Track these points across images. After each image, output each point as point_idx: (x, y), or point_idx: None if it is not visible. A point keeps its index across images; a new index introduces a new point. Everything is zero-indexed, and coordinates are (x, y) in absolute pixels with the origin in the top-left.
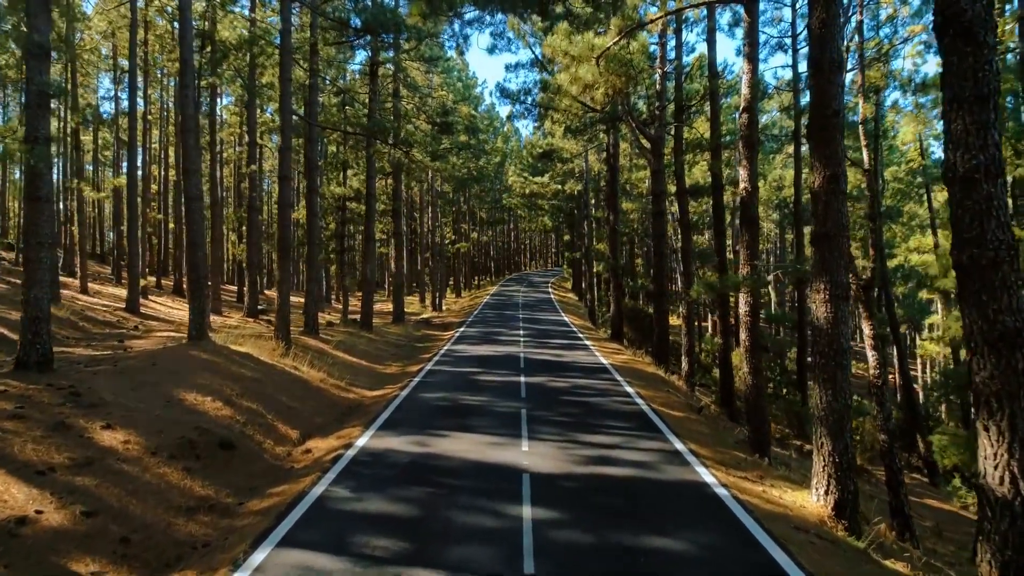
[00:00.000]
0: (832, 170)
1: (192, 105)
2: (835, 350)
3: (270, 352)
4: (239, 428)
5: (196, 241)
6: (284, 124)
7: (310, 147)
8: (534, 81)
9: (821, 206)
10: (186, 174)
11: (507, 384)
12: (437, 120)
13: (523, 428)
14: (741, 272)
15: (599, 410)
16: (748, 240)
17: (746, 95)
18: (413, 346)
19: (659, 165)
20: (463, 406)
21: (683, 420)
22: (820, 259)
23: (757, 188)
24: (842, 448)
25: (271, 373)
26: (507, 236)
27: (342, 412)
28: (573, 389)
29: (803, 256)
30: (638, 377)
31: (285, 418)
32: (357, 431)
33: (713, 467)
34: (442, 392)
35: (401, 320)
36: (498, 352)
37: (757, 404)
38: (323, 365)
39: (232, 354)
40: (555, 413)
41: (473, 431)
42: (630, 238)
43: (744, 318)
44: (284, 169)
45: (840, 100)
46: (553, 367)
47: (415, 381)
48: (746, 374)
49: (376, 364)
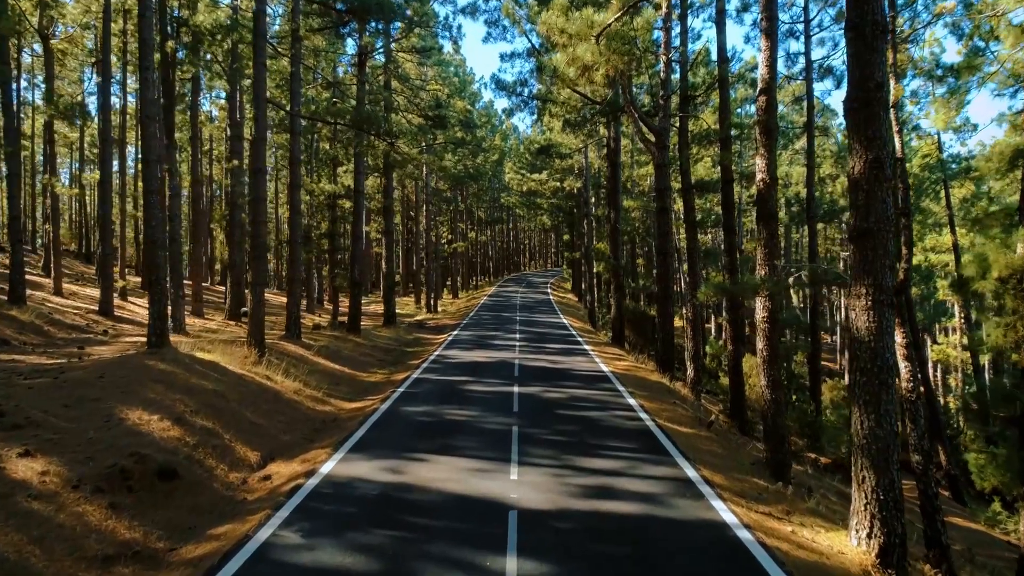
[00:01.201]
0: (875, 153)
1: (152, 89)
2: (879, 366)
3: (241, 360)
4: (187, 452)
5: (155, 238)
6: (258, 113)
7: (292, 140)
8: (530, 70)
9: (862, 197)
10: (145, 164)
11: (499, 395)
12: (430, 114)
13: (513, 450)
14: (758, 274)
15: (599, 427)
16: (766, 238)
17: (764, 75)
18: (402, 351)
19: (663, 159)
20: (448, 422)
21: (692, 438)
22: (861, 259)
23: (776, 180)
24: (888, 483)
25: (238, 384)
26: (506, 236)
27: (314, 428)
28: (571, 401)
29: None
30: (641, 386)
31: (246, 437)
32: (325, 453)
33: (732, 501)
34: (426, 405)
35: (392, 322)
36: (492, 358)
37: (776, 422)
38: (300, 374)
39: (195, 363)
40: (550, 431)
41: (456, 453)
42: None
43: (761, 325)
44: (258, 161)
45: (883, 71)
46: (550, 375)
47: (398, 392)
48: (763, 388)
49: (359, 372)
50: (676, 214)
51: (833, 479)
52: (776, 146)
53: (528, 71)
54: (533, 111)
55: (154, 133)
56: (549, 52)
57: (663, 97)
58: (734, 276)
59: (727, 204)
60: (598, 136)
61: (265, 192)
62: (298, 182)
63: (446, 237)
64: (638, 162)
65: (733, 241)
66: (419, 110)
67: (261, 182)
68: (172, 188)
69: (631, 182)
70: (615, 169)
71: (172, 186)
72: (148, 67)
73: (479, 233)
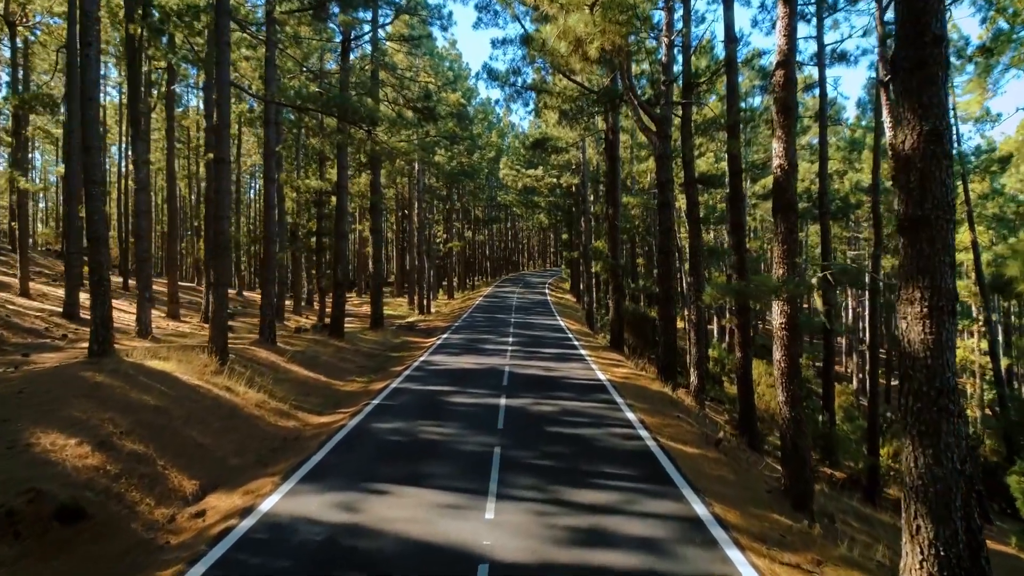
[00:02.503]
0: (932, 124)
1: (93, 68)
2: (938, 389)
3: (199, 369)
4: (105, 484)
5: (97, 235)
6: (221, 97)
7: (266, 130)
8: (522, 56)
9: (915, 177)
10: (86, 152)
11: (483, 409)
12: (419, 105)
13: (492, 478)
14: (775, 273)
15: (594, 448)
16: (784, 232)
17: (781, 46)
18: (387, 356)
19: (665, 149)
20: (422, 442)
21: (699, 460)
22: (913, 254)
23: (795, 166)
24: (950, 535)
25: (188, 398)
26: (504, 235)
27: (272, 448)
28: (563, 416)
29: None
30: (641, 397)
31: (186, 463)
32: (272, 483)
33: (751, 549)
34: (401, 420)
35: (380, 325)
36: (480, 365)
37: (796, 444)
38: (267, 383)
39: (143, 374)
40: (537, 453)
41: (426, 484)
42: (631, 236)
43: (779, 332)
44: (221, 151)
45: (942, 22)
46: (542, 384)
47: (373, 404)
48: (781, 404)
49: (336, 380)
50: (677, 212)
51: (851, 499)
52: (795, 127)
53: (520, 58)
54: (527, 102)
55: (96, 117)
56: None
57: (665, 83)
58: (743, 276)
59: (735, 197)
60: (596, 129)
61: (228, 184)
62: (272, 175)
63: (441, 236)
64: (638, 157)
65: (742, 238)
66: (408, 101)
67: (224, 173)
68: (139, 181)
69: (631, 179)
70: (614, 163)
71: (139, 179)
72: (91, 43)
73: (476, 233)
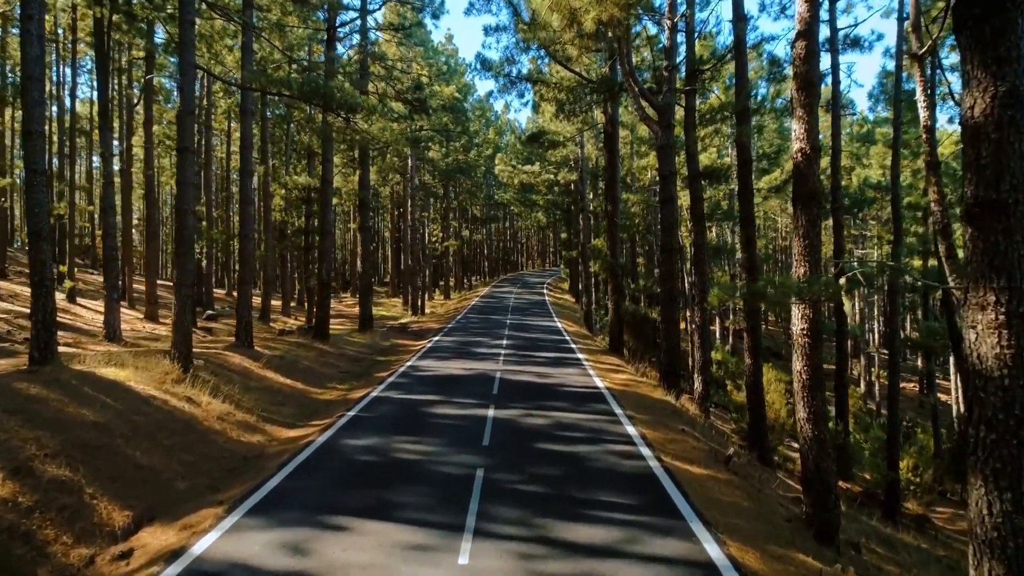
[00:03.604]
0: (1008, 83)
1: (36, 44)
2: (1019, 417)
3: (159, 377)
4: (11, 521)
5: (39, 229)
6: (184, 82)
7: (242, 120)
8: (515, 43)
9: (988, 152)
10: (27, 137)
11: (469, 421)
12: (409, 97)
13: (471, 511)
14: (796, 272)
15: (590, 470)
16: (805, 226)
17: (803, 14)
18: (373, 360)
19: (667, 139)
20: (395, 463)
21: (709, 484)
22: (985, 249)
23: (819, 149)
24: None
25: (139, 411)
26: (502, 235)
27: (228, 469)
28: (556, 430)
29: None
30: (642, 407)
31: (123, 489)
32: (215, 515)
33: None
34: (376, 436)
35: (368, 327)
36: (470, 370)
37: (820, 467)
38: (235, 392)
39: (88, 384)
40: (524, 477)
41: (393, 516)
42: (631, 235)
43: (800, 339)
44: (184, 139)
45: None
46: (534, 393)
47: (349, 415)
48: (802, 421)
49: (314, 387)
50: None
51: (871, 517)
52: (818, 106)
53: (514, 44)
54: (522, 93)
55: (40, 99)
56: (536, 24)
57: (667, 68)
58: (753, 274)
59: (744, 190)
60: (594, 123)
61: (192, 176)
62: (249, 168)
63: (438, 235)
64: (638, 153)
65: (752, 233)
66: (398, 93)
67: (187, 164)
68: (106, 175)
69: (630, 176)
70: (613, 157)
71: (106, 172)
72: (32, 16)
73: (474, 232)
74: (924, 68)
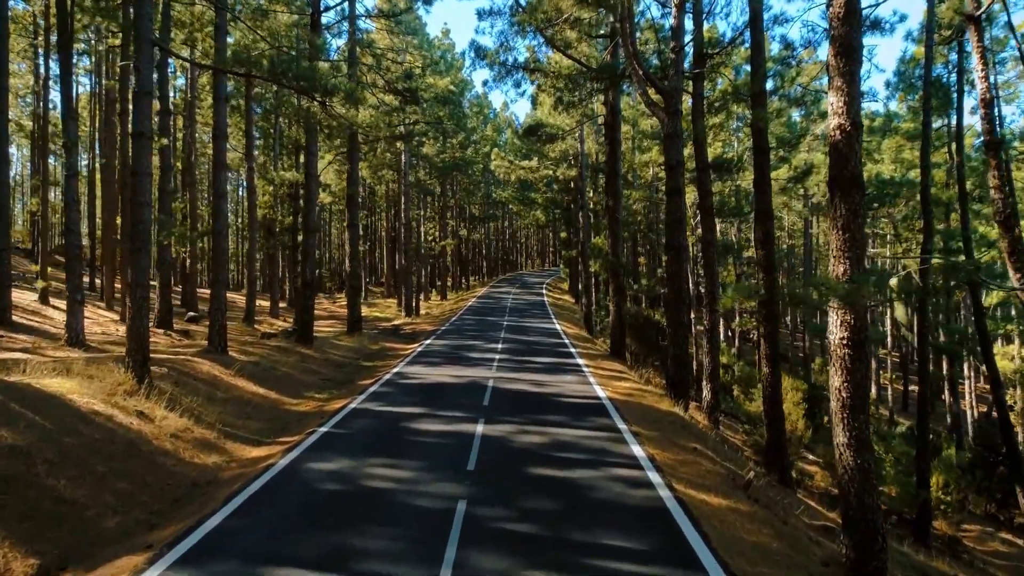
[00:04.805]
0: None
1: None
2: None
3: (110, 389)
4: None
5: None
6: (140, 60)
7: (216, 107)
8: (511, 24)
9: None
10: None
11: (454, 440)
12: (399, 86)
13: (447, 562)
14: (834, 271)
15: (591, 503)
16: (846, 216)
17: None
18: (358, 366)
19: (675, 126)
20: (364, 495)
21: (729, 518)
22: None
23: (860, 126)
24: None
25: (74, 430)
26: (501, 234)
27: (173, 499)
28: (552, 451)
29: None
30: (648, 420)
31: (32, 530)
32: (132, 568)
33: None
34: (346, 458)
35: (357, 329)
36: (461, 378)
37: (863, 503)
38: (197, 404)
39: (18, 398)
40: (514, 513)
41: (350, 569)
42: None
43: (839, 351)
44: (140, 123)
45: None
46: (530, 404)
47: (320, 431)
48: (842, 447)
49: (289, 397)
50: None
51: (901, 543)
52: (859, 74)
53: (509, 26)
54: (518, 83)
55: None
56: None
57: (674, 49)
58: (770, 273)
59: (762, 180)
60: (594, 115)
61: (149, 165)
62: (223, 160)
63: (433, 235)
64: (640, 147)
65: (770, 228)
66: (388, 83)
67: (143, 150)
68: (69, 167)
69: (632, 172)
70: (614, 147)
71: (69, 164)
72: None
73: (472, 231)
74: (981, 31)
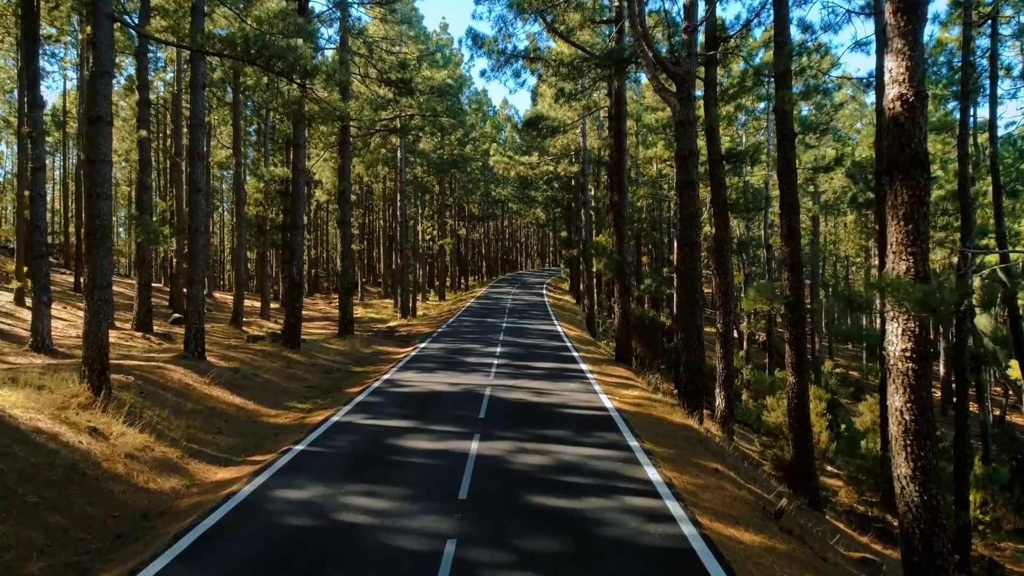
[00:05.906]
0: None
1: None
2: None
3: (60, 402)
4: None
5: None
6: (98, 35)
7: (193, 95)
8: (509, 4)
9: None
10: None
11: (445, 460)
12: (392, 77)
13: None
14: (893, 270)
15: (603, 544)
16: (908, 204)
17: None
18: (347, 371)
19: (687, 113)
20: (336, 533)
21: (766, 559)
22: None
23: (925, 95)
24: None
25: (4, 455)
26: (500, 233)
27: (116, 535)
28: (556, 474)
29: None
30: (662, 435)
31: None
32: None
33: None
34: (321, 483)
35: (348, 332)
36: (456, 386)
37: (932, 547)
38: (162, 418)
39: None
40: (511, 557)
41: None
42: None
43: (900, 364)
44: (99, 107)
45: None
46: (530, 416)
47: (296, 450)
48: (904, 479)
49: (268, 407)
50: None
51: None
52: (923, 35)
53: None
54: (518, 72)
55: None
56: None
57: (687, 30)
58: (796, 271)
59: (787, 169)
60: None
61: (108, 153)
62: (200, 150)
63: (431, 234)
64: (644, 143)
65: (796, 223)
66: (380, 73)
67: (102, 136)
68: (35, 159)
69: (634, 169)
70: (619, 139)
71: (35, 155)
72: None
73: (471, 230)
74: None
